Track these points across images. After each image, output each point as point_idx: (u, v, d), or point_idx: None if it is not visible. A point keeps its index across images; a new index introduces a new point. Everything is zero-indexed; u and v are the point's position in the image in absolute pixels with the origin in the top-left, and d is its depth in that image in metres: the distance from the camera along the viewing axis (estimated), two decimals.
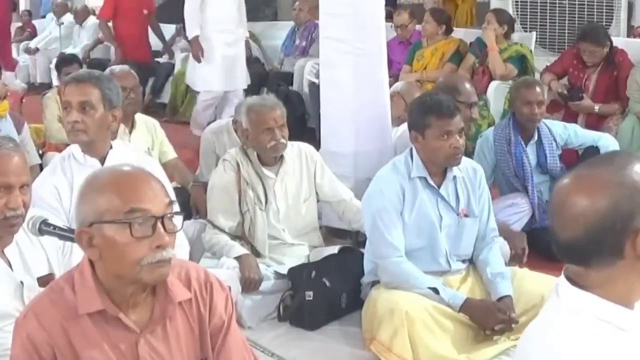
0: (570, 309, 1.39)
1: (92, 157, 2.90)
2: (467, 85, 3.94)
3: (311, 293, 3.34)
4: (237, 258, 3.40)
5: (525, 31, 6.50)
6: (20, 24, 11.47)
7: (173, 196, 1.86)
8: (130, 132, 4.08)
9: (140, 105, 4.32)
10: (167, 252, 1.69)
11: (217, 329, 1.86)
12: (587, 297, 1.38)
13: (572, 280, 1.41)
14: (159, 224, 1.68)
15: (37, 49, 10.53)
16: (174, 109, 8.22)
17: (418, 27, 6.56)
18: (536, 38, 6.26)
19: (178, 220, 1.75)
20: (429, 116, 3.15)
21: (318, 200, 3.80)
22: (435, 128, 3.13)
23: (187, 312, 1.82)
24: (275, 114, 3.54)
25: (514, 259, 3.72)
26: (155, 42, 9.38)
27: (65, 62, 5.65)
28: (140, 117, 4.22)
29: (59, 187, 2.87)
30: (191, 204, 4.14)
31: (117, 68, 4.21)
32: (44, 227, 2.26)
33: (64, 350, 1.69)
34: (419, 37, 6.46)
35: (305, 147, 3.78)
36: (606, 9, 6.31)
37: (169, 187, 2.75)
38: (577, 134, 4.27)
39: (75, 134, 2.89)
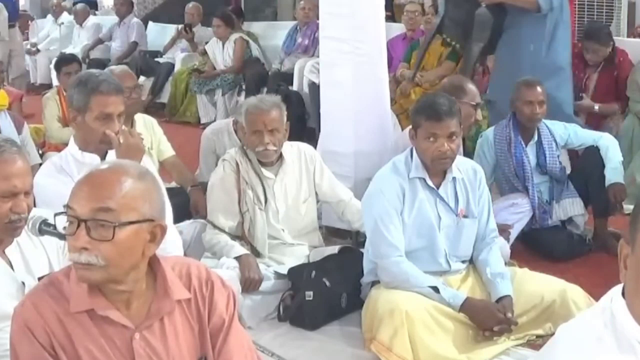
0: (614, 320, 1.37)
1: (90, 154, 2.89)
2: (472, 86, 3.97)
3: (311, 293, 3.34)
4: (237, 258, 3.40)
5: None
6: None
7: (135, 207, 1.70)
8: None
9: (142, 105, 4.33)
10: (81, 256, 1.66)
11: (218, 327, 1.85)
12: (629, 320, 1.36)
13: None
14: (83, 227, 1.67)
15: (37, 50, 10.53)
16: (174, 109, 8.22)
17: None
18: None
19: (108, 229, 1.66)
20: (420, 116, 3.16)
21: (318, 201, 3.80)
22: (423, 129, 3.13)
23: (187, 310, 1.82)
24: (268, 117, 3.46)
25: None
26: (155, 43, 9.39)
27: (64, 61, 5.64)
28: (138, 116, 4.22)
29: (64, 186, 2.85)
30: (191, 206, 4.13)
31: (117, 68, 4.20)
32: (44, 227, 2.26)
33: (62, 340, 1.70)
34: (421, 36, 6.46)
35: (305, 147, 3.78)
36: (606, 9, 6.31)
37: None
38: (577, 134, 4.27)
39: None
